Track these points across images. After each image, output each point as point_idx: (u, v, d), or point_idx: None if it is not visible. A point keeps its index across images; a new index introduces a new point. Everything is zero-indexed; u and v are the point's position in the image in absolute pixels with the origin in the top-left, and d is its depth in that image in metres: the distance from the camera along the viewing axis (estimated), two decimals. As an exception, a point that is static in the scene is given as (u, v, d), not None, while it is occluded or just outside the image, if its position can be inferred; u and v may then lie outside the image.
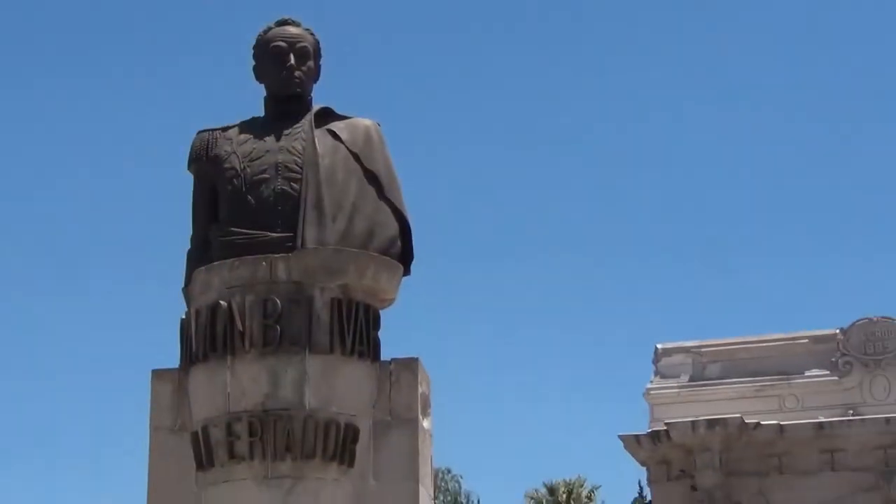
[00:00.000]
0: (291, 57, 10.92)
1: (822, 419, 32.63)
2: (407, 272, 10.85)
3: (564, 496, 64.48)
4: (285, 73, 10.91)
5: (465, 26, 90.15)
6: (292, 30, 11.06)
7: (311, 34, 11.14)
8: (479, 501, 66.23)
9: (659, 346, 34.90)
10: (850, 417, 32.62)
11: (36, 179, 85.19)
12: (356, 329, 10.28)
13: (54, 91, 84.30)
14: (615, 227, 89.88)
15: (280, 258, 10.29)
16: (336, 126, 10.88)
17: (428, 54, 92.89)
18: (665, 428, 32.80)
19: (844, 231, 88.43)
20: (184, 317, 10.57)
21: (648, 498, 34.63)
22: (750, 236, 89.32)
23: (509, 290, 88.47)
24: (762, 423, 32.53)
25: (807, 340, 34.09)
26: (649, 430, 33.46)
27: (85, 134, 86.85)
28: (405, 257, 10.84)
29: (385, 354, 10.50)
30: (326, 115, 10.96)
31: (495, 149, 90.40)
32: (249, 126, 10.94)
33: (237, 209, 10.56)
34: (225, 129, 10.98)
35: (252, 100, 11.31)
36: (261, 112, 11.06)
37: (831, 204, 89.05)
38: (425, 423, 10.53)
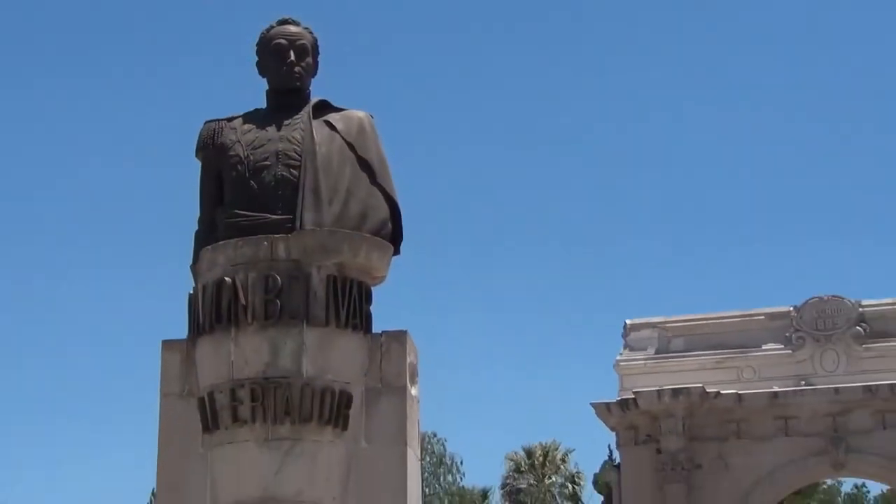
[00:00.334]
0: (291, 53, 10.90)
1: (776, 389, 32.71)
2: (397, 252, 10.85)
3: (541, 458, 64.63)
4: (286, 68, 10.89)
5: (465, 26, 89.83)
6: (292, 28, 11.04)
7: (310, 32, 11.12)
8: (462, 463, 66.39)
9: (628, 321, 34.93)
10: (803, 387, 32.70)
11: (39, 177, 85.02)
12: (350, 304, 10.27)
13: (61, 90, 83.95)
14: (593, 216, 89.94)
15: (280, 238, 10.27)
16: (332, 117, 10.87)
17: (427, 54, 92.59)
18: (633, 396, 32.86)
19: (798, 218, 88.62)
20: (191, 292, 10.56)
21: (618, 461, 34.66)
22: (713, 223, 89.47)
23: (493, 272, 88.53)
24: (722, 392, 32.61)
25: (763, 317, 34.15)
26: (619, 399, 33.51)
27: (98, 126, 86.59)
28: (395, 238, 10.84)
29: (376, 327, 10.50)
30: (323, 108, 10.94)
31: (485, 143, 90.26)
32: (252, 117, 10.92)
33: (241, 193, 10.55)
34: (230, 120, 10.97)
35: (249, 97, 11.33)
36: (262, 104, 11.04)
37: (788, 194, 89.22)
38: (413, 391, 10.53)
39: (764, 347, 33.60)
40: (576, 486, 64.39)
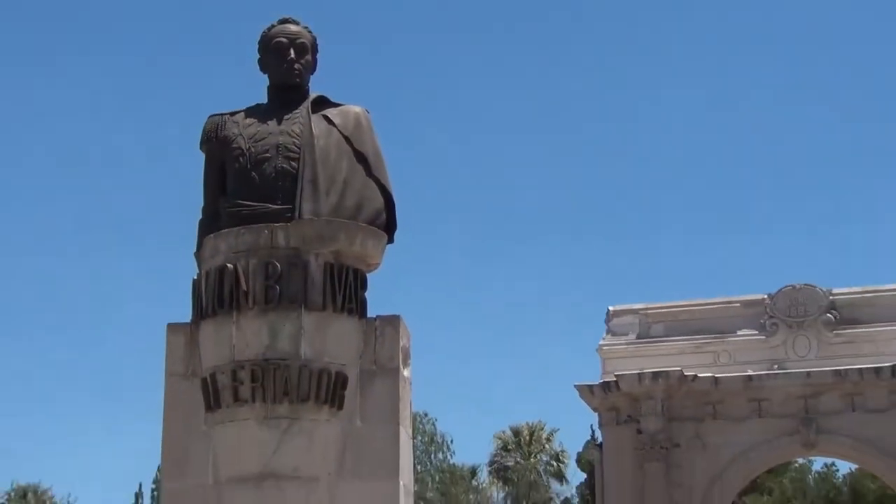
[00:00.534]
0: (291, 51, 10.89)
1: (751, 372, 32.77)
2: (391, 240, 10.86)
3: (527, 437, 64.78)
4: (286, 65, 10.89)
5: (464, 26, 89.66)
6: (292, 27, 11.04)
7: (309, 31, 11.12)
8: (452, 441, 66.52)
9: (611, 307, 34.97)
10: (776, 371, 32.78)
11: (50, 170, 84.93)
12: (346, 289, 10.28)
13: (72, 82, 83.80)
14: (579, 208, 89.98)
15: (280, 227, 10.28)
16: (330, 112, 10.87)
17: (420, 49, 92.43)
18: (615, 379, 32.91)
19: (773, 210, 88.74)
20: (195, 278, 10.56)
21: (600, 440, 34.73)
22: (691, 214, 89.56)
23: (483, 261, 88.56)
24: (699, 375, 32.68)
25: (739, 304, 34.20)
26: (601, 381, 33.56)
27: (108, 119, 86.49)
28: (389, 227, 10.84)
29: (371, 312, 10.51)
30: (322, 103, 10.94)
31: (475, 136, 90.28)
32: (254, 111, 10.92)
33: (243, 184, 10.55)
34: (233, 114, 10.96)
35: (251, 93, 11.33)
36: (264, 99, 11.04)
37: (765, 187, 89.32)
38: (405, 373, 10.54)
39: (739, 333, 33.66)
40: (560, 464, 64.59)
